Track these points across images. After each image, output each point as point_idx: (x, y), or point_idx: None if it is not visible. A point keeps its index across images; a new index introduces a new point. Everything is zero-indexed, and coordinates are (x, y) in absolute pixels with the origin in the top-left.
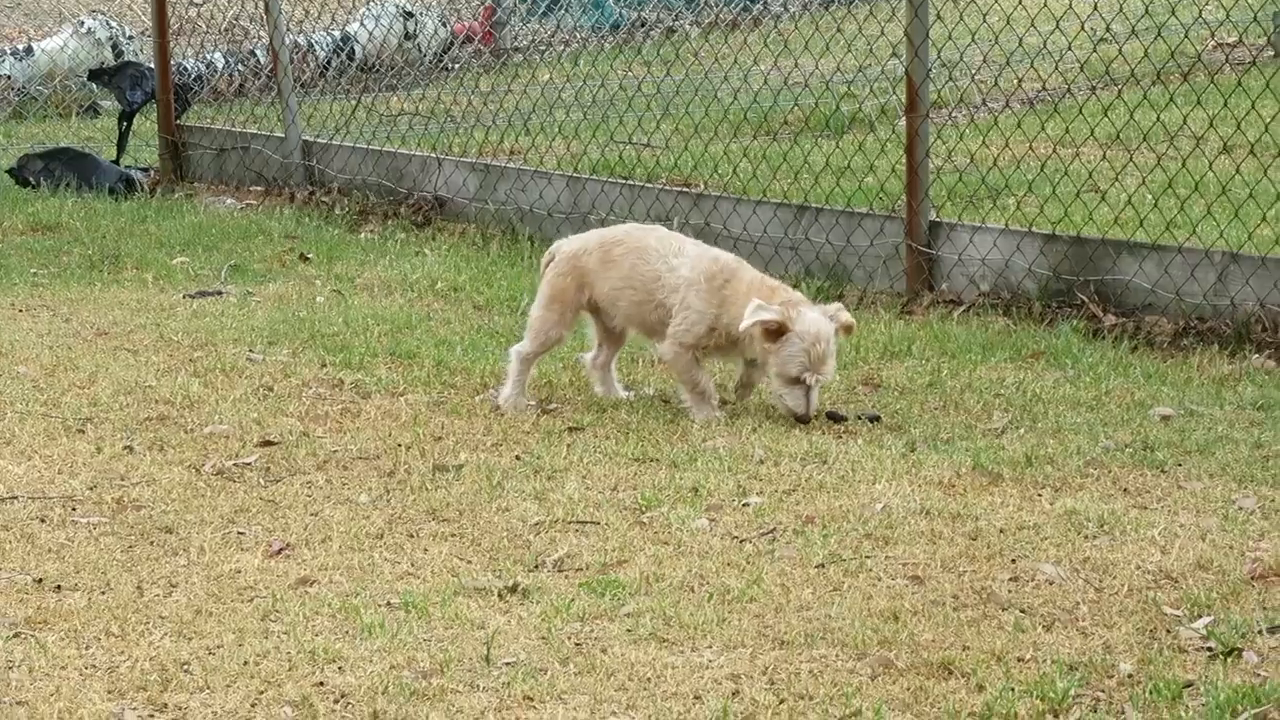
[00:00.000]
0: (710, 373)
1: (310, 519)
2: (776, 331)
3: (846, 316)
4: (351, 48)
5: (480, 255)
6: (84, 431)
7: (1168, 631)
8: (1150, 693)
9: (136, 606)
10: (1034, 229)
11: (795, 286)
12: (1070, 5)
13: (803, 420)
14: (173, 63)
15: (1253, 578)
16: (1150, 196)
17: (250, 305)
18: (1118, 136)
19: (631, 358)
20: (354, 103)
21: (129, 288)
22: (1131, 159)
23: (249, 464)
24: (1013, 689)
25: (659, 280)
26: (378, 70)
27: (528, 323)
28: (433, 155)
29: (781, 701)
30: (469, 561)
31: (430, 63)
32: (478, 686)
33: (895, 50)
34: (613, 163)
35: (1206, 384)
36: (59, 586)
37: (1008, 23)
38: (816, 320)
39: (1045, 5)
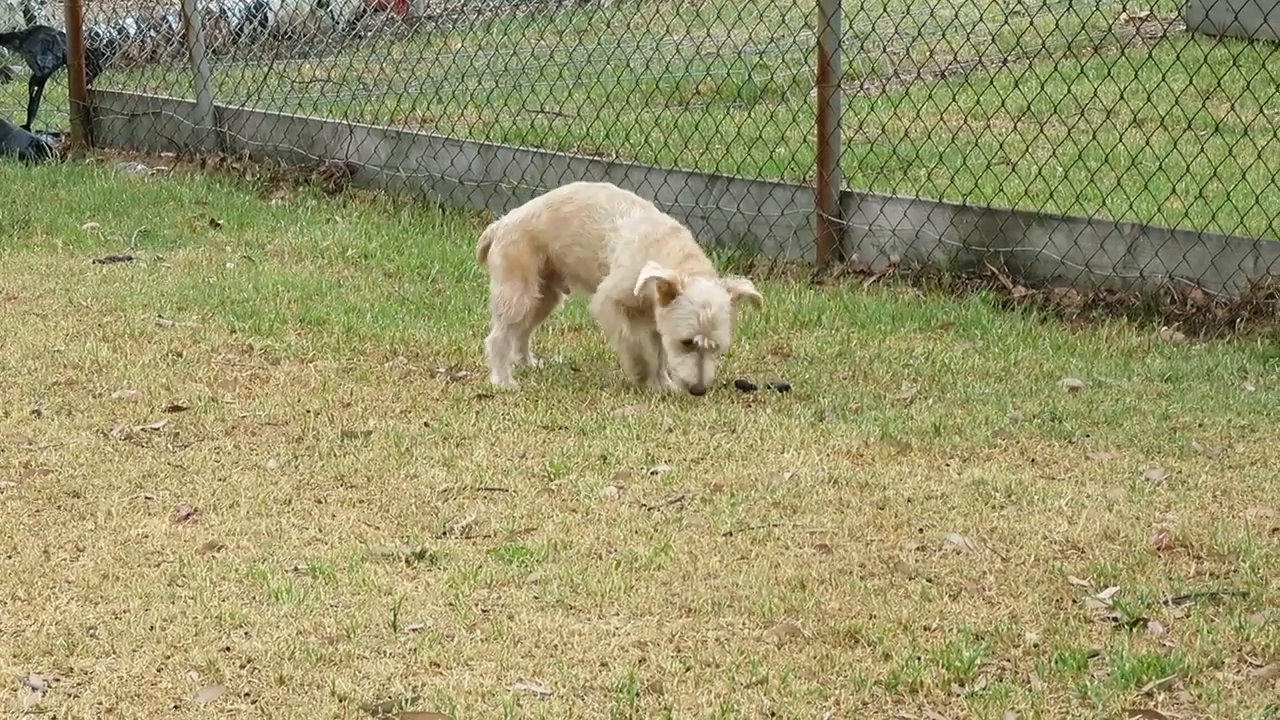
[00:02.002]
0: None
1: (218, 484)
2: (668, 294)
3: (747, 287)
4: (264, 14)
5: (391, 223)
6: None
7: (1074, 601)
8: (1056, 662)
9: (43, 571)
10: (944, 200)
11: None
12: None
13: (695, 391)
14: (84, 28)
15: (1159, 548)
16: (1060, 169)
17: (160, 271)
18: (1029, 109)
19: (540, 327)
20: (266, 69)
21: (39, 253)
22: (1042, 131)
23: (157, 429)
24: (919, 658)
25: (603, 240)
26: (290, 37)
27: (490, 305)
28: (344, 122)
29: (688, 669)
30: (376, 528)
31: (343, 30)
32: (384, 652)
33: (807, 20)
34: (524, 131)
35: (1115, 355)
36: None
37: None
38: (709, 287)
39: None
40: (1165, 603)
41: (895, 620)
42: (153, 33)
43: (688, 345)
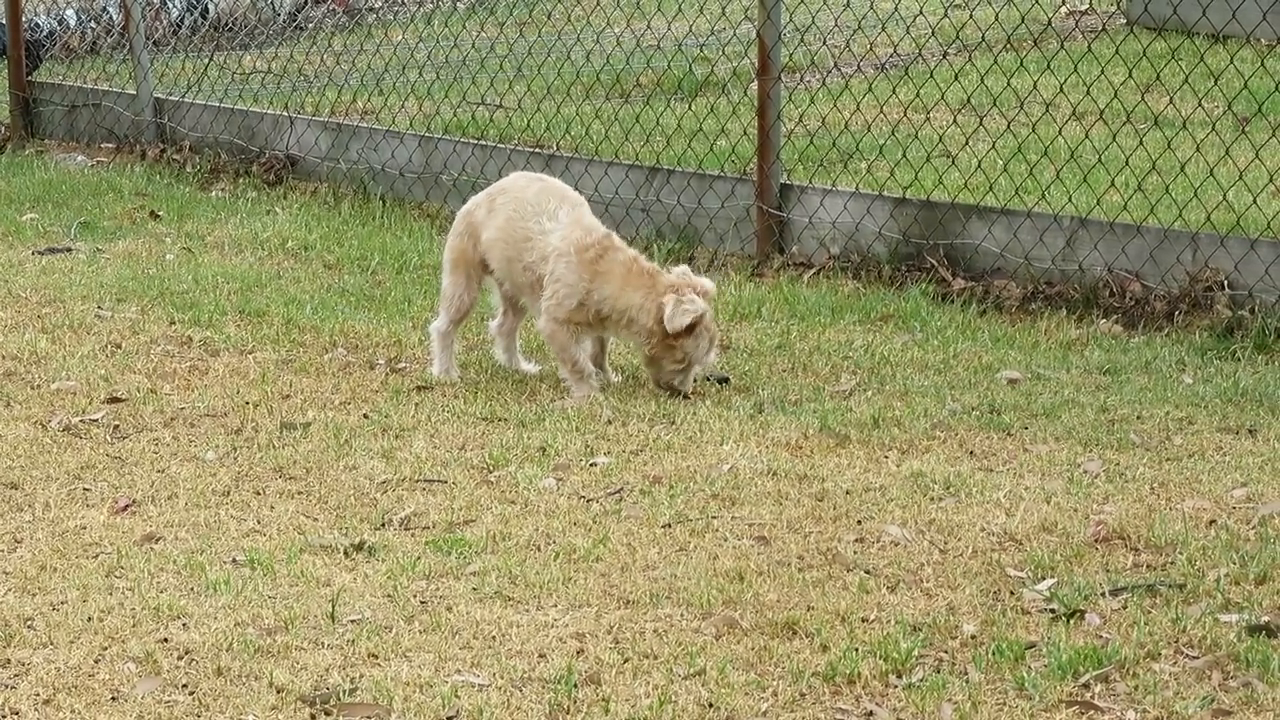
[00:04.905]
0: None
1: (157, 476)
2: (691, 326)
3: (709, 286)
4: (205, 5)
5: (331, 214)
6: None
7: (1011, 593)
8: (993, 654)
9: None
10: (884, 193)
11: (646, 249)
12: None
13: (687, 395)
14: (24, 19)
15: (1096, 540)
16: (1000, 161)
17: (100, 262)
18: (968, 101)
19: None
20: (206, 61)
21: None
22: (982, 124)
23: (96, 420)
24: (856, 649)
25: (529, 241)
26: (231, 28)
27: (440, 295)
28: (285, 114)
29: (626, 660)
30: (315, 519)
31: (284, 21)
32: (322, 644)
33: (748, 13)
34: (465, 123)
35: (1054, 348)
36: None
37: None
38: (709, 310)
39: None
40: (1102, 594)
41: (833, 612)
42: (93, 24)
43: (694, 365)
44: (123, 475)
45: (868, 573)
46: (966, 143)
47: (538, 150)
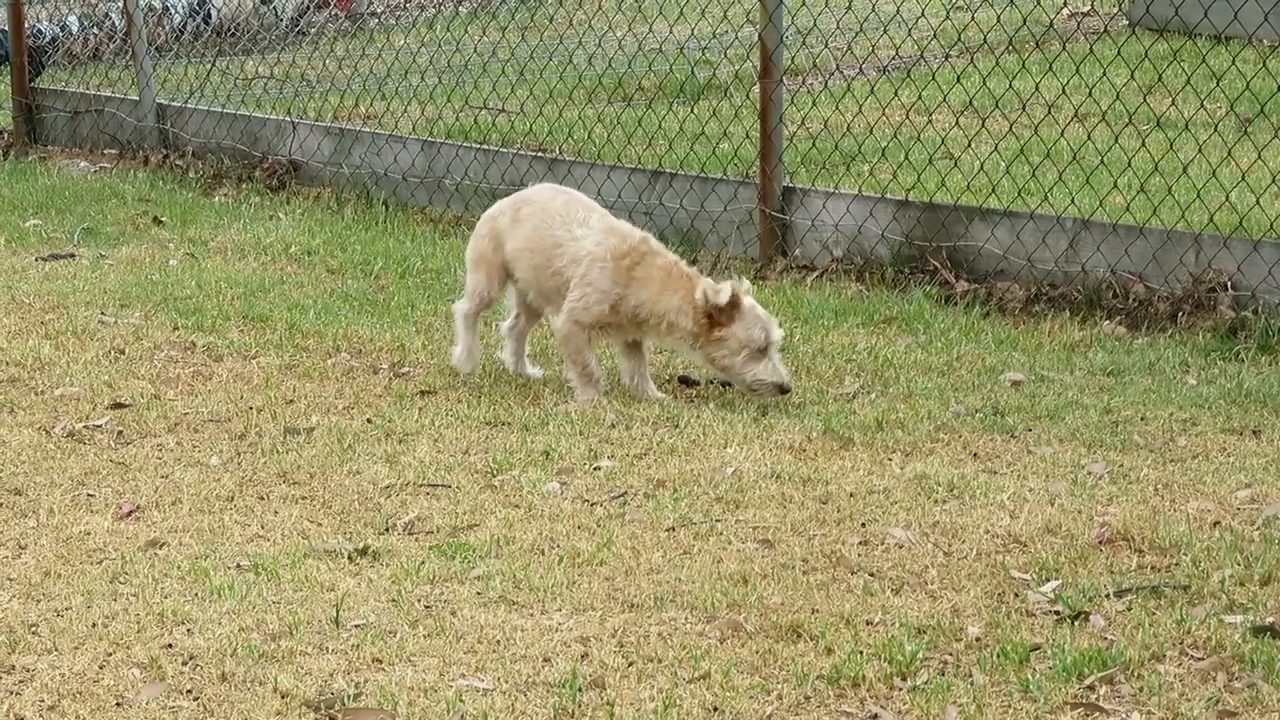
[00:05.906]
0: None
1: (160, 481)
2: (731, 307)
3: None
4: (207, 11)
5: (334, 219)
6: None
7: (1016, 595)
8: (997, 656)
9: None
10: (887, 195)
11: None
12: None
13: (787, 389)
14: (27, 25)
15: (1100, 542)
16: (1003, 163)
17: (103, 268)
18: (971, 103)
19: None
20: (209, 66)
21: None
22: (984, 126)
23: (100, 426)
24: (861, 652)
25: (559, 248)
26: (233, 34)
27: (464, 288)
28: (288, 119)
29: (630, 664)
30: (319, 524)
31: (286, 26)
32: (327, 649)
33: (750, 16)
34: (468, 128)
35: (1057, 350)
36: None
37: None
38: (752, 296)
39: None
40: (1107, 596)
41: (837, 614)
42: (96, 30)
43: (762, 352)
44: (126, 481)
45: (872, 575)
46: (969, 144)
47: (540, 154)
